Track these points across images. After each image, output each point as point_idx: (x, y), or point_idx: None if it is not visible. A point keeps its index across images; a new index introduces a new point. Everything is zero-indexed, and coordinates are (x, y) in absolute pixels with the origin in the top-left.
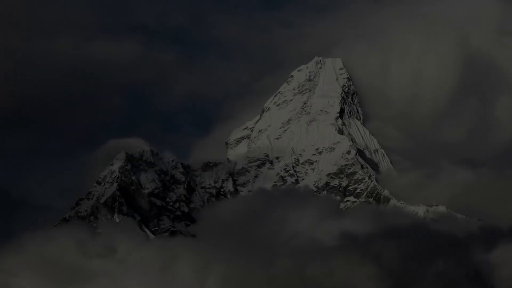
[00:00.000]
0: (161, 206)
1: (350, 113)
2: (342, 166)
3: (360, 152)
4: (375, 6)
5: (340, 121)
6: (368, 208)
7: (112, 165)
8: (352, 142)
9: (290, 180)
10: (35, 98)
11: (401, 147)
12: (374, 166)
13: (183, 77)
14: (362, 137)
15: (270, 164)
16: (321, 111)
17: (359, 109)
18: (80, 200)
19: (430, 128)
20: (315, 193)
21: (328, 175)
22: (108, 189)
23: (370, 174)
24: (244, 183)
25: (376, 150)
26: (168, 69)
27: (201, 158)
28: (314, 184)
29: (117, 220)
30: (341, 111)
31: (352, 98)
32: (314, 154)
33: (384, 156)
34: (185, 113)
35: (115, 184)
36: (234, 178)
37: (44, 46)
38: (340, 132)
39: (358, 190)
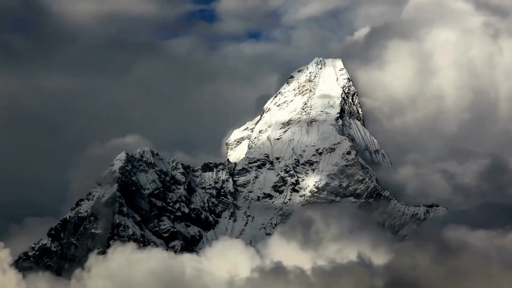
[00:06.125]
0: (161, 207)
1: (350, 113)
2: (342, 166)
3: (360, 153)
4: None
5: (340, 121)
6: None
7: (112, 165)
8: (352, 142)
9: (290, 180)
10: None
11: (401, 147)
12: (375, 166)
13: None
14: (362, 137)
15: (270, 165)
16: (321, 111)
17: (359, 110)
18: (80, 201)
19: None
20: None
21: (328, 175)
22: (108, 190)
23: (370, 174)
24: (244, 184)
25: (376, 151)
26: None
27: (201, 159)
28: (314, 185)
29: (117, 221)
30: (342, 112)
31: (352, 99)
32: (314, 155)
33: (384, 157)
34: None
35: (116, 185)
36: (234, 179)
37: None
38: (340, 132)
39: (358, 191)
